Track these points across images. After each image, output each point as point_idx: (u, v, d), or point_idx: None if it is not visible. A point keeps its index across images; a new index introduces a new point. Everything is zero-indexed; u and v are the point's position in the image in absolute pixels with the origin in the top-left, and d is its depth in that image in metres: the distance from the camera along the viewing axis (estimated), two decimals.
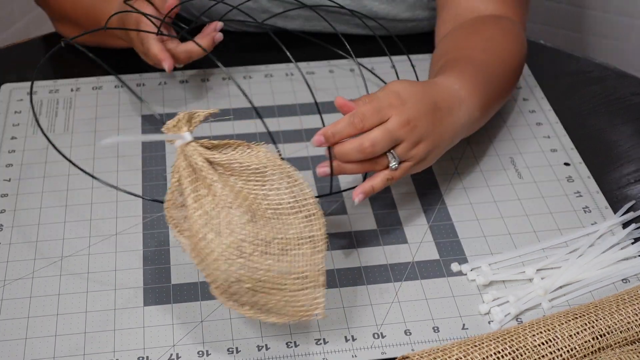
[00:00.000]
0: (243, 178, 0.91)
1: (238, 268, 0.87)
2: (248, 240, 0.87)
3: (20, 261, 1.02)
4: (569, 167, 1.16)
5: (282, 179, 0.92)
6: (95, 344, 0.93)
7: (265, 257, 0.88)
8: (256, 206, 0.90)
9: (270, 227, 0.89)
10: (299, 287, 0.89)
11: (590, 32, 2.21)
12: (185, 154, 0.90)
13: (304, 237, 0.90)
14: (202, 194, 0.89)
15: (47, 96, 1.28)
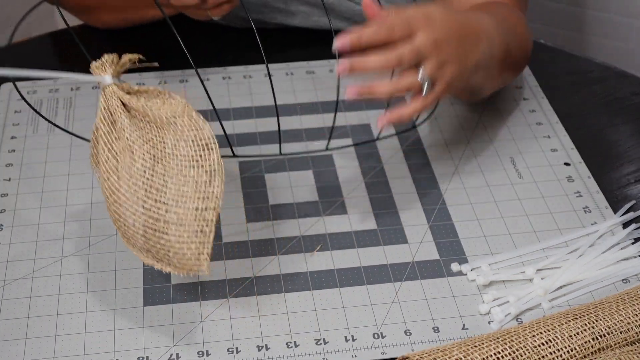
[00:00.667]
0: (156, 126, 0.93)
1: (132, 213, 0.90)
2: (144, 186, 0.90)
3: (20, 261, 1.02)
4: (569, 167, 1.16)
5: (191, 131, 0.93)
6: (95, 344, 0.93)
7: (158, 206, 0.89)
8: (160, 154, 0.92)
9: (168, 177, 0.91)
10: (185, 240, 0.90)
11: (590, 32, 2.21)
12: (105, 96, 0.94)
13: (200, 191, 0.90)
14: (114, 137, 0.93)
15: (47, 95, 1.28)
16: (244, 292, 0.99)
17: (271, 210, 1.09)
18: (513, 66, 1.19)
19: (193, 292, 0.99)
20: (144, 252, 0.93)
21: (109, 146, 0.93)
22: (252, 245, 1.05)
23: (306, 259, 1.03)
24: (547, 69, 1.34)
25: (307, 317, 0.96)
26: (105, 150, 0.93)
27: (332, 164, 1.16)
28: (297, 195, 1.11)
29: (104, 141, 0.93)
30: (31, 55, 1.38)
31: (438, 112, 1.24)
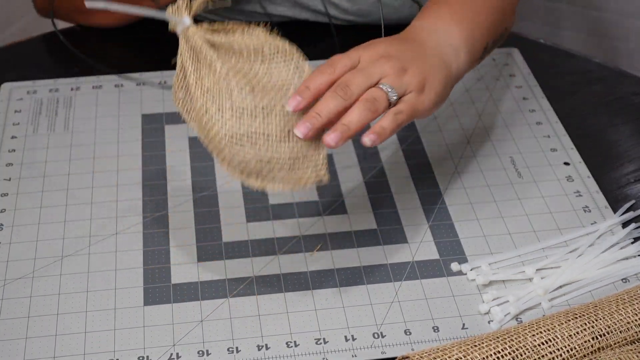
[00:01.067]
0: (243, 57, 0.93)
1: (239, 139, 0.90)
2: (248, 110, 0.90)
3: (20, 260, 1.02)
4: (568, 167, 1.16)
5: (280, 55, 0.93)
6: (95, 344, 0.93)
7: (267, 124, 0.90)
8: (256, 82, 0.92)
9: (269, 98, 0.91)
10: (301, 154, 0.91)
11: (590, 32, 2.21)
12: (186, 38, 0.93)
13: None
14: (204, 73, 0.92)
15: (47, 95, 1.28)
16: (244, 291, 0.99)
17: (271, 209, 1.09)
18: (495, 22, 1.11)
19: (193, 292, 0.99)
20: (253, 176, 0.92)
21: (200, 82, 0.92)
22: (252, 244, 1.05)
23: (306, 258, 1.03)
24: (547, 69, 1.34)
25: (307, 317, 0.96)
26: (198, 86, 0.92)
27: (332, 164, 1.16)
28: (297, 195, 1.11)
29: (194, 78, 0.93)
30: (31, 56, 1.38)
31: (437, 112, 1.24)
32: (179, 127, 1.22)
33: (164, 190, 1.12)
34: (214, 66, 0.92)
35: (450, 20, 1.04)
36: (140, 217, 1.08)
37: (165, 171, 1.15)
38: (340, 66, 0.94)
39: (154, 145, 1.19)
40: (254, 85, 0.92)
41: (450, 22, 1.04)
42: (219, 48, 0.93)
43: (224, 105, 0.91)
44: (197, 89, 0.92)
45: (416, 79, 0.96)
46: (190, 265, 1.02)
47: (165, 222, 1.07)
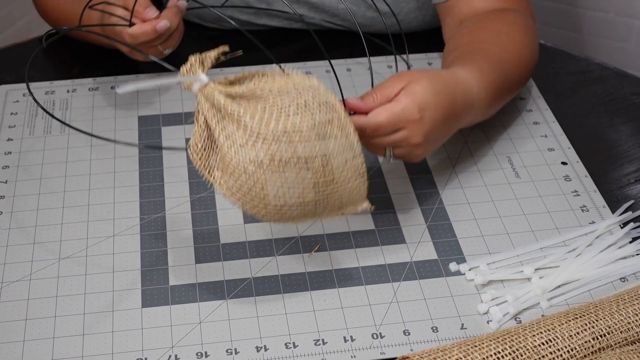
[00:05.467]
0: (270, 102, 0.90)
1: (285, 191, 0.89)
2: (292, 162, 0.89)
3: (18, 263, 1.02)
4: (566, 166, 1.16)
5: (308, 92, 0.91)
6: (93, 346, 0.93)
7: (312, 170, 0.90)
8: (290, 126, 0.89)
9: (306, 143, 0.90)
10: (351, 186, 0.92)
11: (590, 32, 2.21)
12: (205, 95, 0.90)
13: (342, 145, 0.92)
14: (231, 130, 0.89)
15: (44, 97, 1.27)
16: (242, 293, 0.99)
17: None
18: (509, 92, 1.18)
19: (191, 294, 0.99)
20: (310, 217, 0.93)
21: (230, 140, 0.89)
22: (250, 246, 1.04)
23: (304, 259, 1.03)
24: (547, 69, 1.34)
25: (306, 318, 0.96)
26: (233, 147, 0.89)
27: None
28: None
29: (224, 136, 0.89)
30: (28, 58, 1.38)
31: None
32: (175, 128, 1.22)
33: (161, 192, 1.12)
34: (243, 121, 0.89)
35: (489, 88, 1.09)
36: (138, 219, 1.08)
37: (162, 173, 1.15)
38: (380, 135, 0.99)
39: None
40: (289, 131, 0.89)
41: (480, 83, 1.08)
42: (241, 100, 0.90)
43: (263, 161, 0.88)
44: (229, 148, 0.89)
45: (418, 155, 1.03)
46: (188, 267, 1.02)
47: (162, 224, 1.07)
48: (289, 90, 0.91)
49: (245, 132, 0.89)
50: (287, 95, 0.90)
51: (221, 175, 0.91)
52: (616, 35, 2.17)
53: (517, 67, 1.16)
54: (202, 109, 0.90)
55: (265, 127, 0.89)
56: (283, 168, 0.89)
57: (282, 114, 0.89)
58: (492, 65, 1.12)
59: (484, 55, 1.13)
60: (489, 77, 1.10)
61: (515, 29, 1.20)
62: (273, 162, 0.88)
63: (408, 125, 0.99)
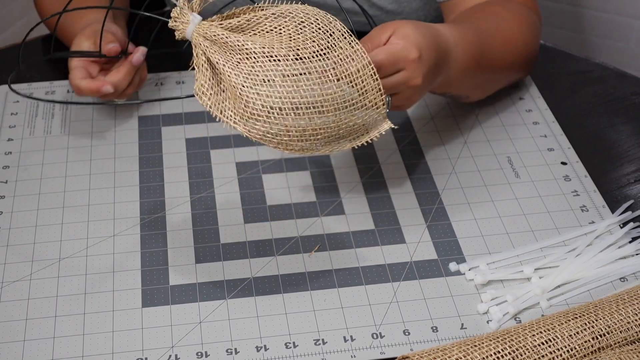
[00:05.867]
0: (268, 26, 0.90)
1: (304, 108, 0.88)
2: (304, 77, 0.87)
3: (17, 263, 1.02)
4: (565, 166, 1.16)
5: (302, 12, 0.91)
6: (93, 346, 0.93)
7: (325, 87, 0.89)
8: (295, 42, 0.88)
9: (313, 56, 0.89)
10: (370, 104, 0.91)
11: (590, 32, 2.21)
12: (202, 34, 0.89)
13: (349, 55, 0.91)
14: (238, 59, 0.88)
15: (44, 97, 1.27)
16: (243, 293, 0.99)
17: (269, 210, 1.09)
18: (493, 70, 1.18)
19: (191, 294, 0.99)
20: (335, 143, 0.92)
21: (237, 69, 0.88)
22: (250, 246, 1.04)
23: (304, 259, 1.03)
24: (547, 69, 1.34)
25: (306, 318, 0.96)
26: (237, 74, 0.87)
27: (330, 165, 1.16)
28: (295, 196, 1.11)
29: (229, 67, 0.88)
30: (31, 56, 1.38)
31: (435, 111, 1.24)
32: (175, 128, 1.22)
33: (161, 192, 1.12)
34: (248, 48, 0.88)
35: (460, 41, 1.09)
36: (138, 219, 1.08)
37: (163, 173, 1.15)
38: (382, 74, 0.97)
39: (150, 147, 1.19)
40: (295, 49, 0.88)
41: (459, 42, 1.09)
42: (240, 30, 0.89)
43: (276, 80, 0.87)
44: (237, 77, 0.88)
45: (412, 100, 1.03)
46: (188, 266, 1.02)
47: (162, 224, 1.07)
48: (284, 14, 0.90)
49: (250, 57, 0.88)
50: (284, 17, 0.90)
51: (235, 112, 0.89)
52: (616, 35, 2.17)
53: (504, 47, 1.17)
54: (202, 49, 0.89)
55: (269, 48, 0.88)
56: (296, 84, 0.87)
57: (283, 32, 0.89)
58: (476, 34, 1.12)
59: (472, 26, 1.14)
60: (469, 41, 1.10)
61: (514, 16, 1.20)
62: (286, 80, 0.87)
63: (408, 65, 0.99)
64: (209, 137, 1.20)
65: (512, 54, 1.18)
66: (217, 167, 1.15)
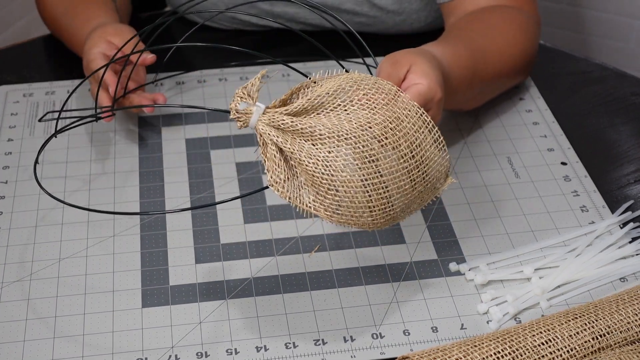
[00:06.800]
0: (331, 105, 0.87)
1: (384, 187, 0.86)
2: (380, 153, 0.85)
3: (17, 263, 1.02)
4: (565, 167, 1.16)
5: (359, 83, 0.88)
6: (93, 346, 0.93)
7: (397, 160, 0.87)
8: (363, 118, 0.86)
9: (383, 129, 0.86)
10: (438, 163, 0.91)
11: (590, 32, 2.21)
12: (267, 123, 0.85)
13: (414, 121, 0.89)
14: (309, 145, 0.85)
15: (44, 98, 1.27)
16: (243, 293, 0.99)
17: (269, 211, 1.09)
18: (489, 83, 1.18)
19: (191, 294, 0.99)
20: (409, 209, 0.90)
21: (311, 156, 0.85)
22: (250, 246, 1.04)
23: (304, 259, 1.03)
24: (547, 69, 1.34)
25: (306, 318, 0.96)
26: (312, 162, 0.84)
27: None
28: None
29: (304, 155, 0.85)
30: (31, 56, 1.38)
31: None
32: (175, 129, 1.22)
33: (161, 192, 1.12)
34: (318, 132, 0.84)
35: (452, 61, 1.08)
36: (138, 219, 1.08)
37: (163, 173, 1.15)
38: None
39: (150, 147, 1.19)
40: (367, 126, 0.86)
41: (452, 62, 1.08)
42: (305, 113, 0.86)
43: (353, 161, 0.84)
44: (315, 165, 0.84)
45: None
46: (188, 267, 1.02)
47: (163, 224, 1.07)
48: (343, 87, 0.87)
49: (324, 142, 0.85)
50: (343, 92, 0.87)
51: (314, 198, 0.87)
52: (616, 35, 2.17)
53: (499, 60, 1.17)
54: (270, 138, 0.85)
55: (340, 130, 0.85)
56: (375, 163, 0.85)
57: (349, 110, 0.86)
58: (470, 51, 1.12)
59: (466, 41, 1.14)
60: (462, 64, 1.09)
61: (511, 25, 1.20)
62: (365, 161, 0.85)
63: (434, 105, 0.97)
64: (208, 137, 1.20)
65: (506, 65, 1.19)
66: (217, 168, 1.15)
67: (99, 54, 1.16)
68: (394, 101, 0.89)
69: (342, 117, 0.86)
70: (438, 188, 0.93)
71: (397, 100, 0.89)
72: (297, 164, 0.85)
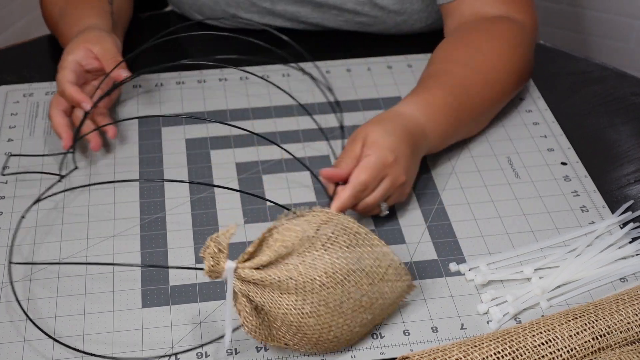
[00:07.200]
0: (296, 255, 0.90)
1: (348, 323, 0.91)
2: (345, 298, 0.90)
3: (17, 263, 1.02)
4: (565, 167, 1.16)
5: (322, 228, 0.93)
6: (93, 346, 0.93)
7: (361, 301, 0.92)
8: (329, 266, 0.90)
9: (347, 275, 0.91)
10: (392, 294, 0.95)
11: (590, 32, 2.21)
12: (240, 278, 0.89)
13: (375, 256, 0.94)
14: (277, 296, 0.89)
15: (44, 98, 1.27)
16: None
17: (269, 211, 1.09)
18: (476, 113, 1.18)
19: (191, 294, 0.99)
20: (372, 324, 0.94)
21: (278, 306, 0.89)
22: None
23: None
24: (546, 70, 1.34)
25: None
26: (280, 312, 0.89)
27: (329, 165, 1.15)
28: (295, 196, 1.11)
29: (273, 305, 0.89)
30: (31, 56, 1.38)
31: None
32: (175, 129, 1.22)
33: (161, 192, 1.12)
34: (286, 285, 0.88)
35: (428, 110, 1.11)
36: (138, 220, 1.08)
37: (163, 173, 1.15)
38: (370, 190, 1.03)
39: (150, 148, 1.19)
40: (332, 273, 0.90)
41: (428, 112, 1.11)
42: (270, 266, 0.90)
43: (318, 308, 0.89)
44: (285, 315, 0.89)
45: (404, 194, 1.07)
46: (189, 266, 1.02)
47: (162, 224, 1.07)
48: (306, 233, 0.91)
49: (291, 292, 0.89)
50: (307, 239, 0.91)
51: (290, 337, 0.91)
52: (616, 35, 2.17)
53: (484, 88, 1.17)
54: (242, 291, 0.89)
55: (306, 279, 0.89)
56: (339, 306, 0.90)
57: (315, 256, 0.90)
58: (449, 89, 1.13)
59: (444, 79, 1.15)
60: (440, 105, 1.11)
61: (498, 44, 1.20)
62: (329, 306, 0.89)
63: (388, 170, 1.02)
64: (209, 137, 1.20)
65: (494, 89, 1.18)
66: (217, 168, 1.15)
67: (72, 62, 1.17)
68: (356, 240, 0.93)
69: (307, 264, 0.89)
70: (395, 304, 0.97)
71: (357, 239, 0.93)
72: (268, 311, 0.89)
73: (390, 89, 1.29)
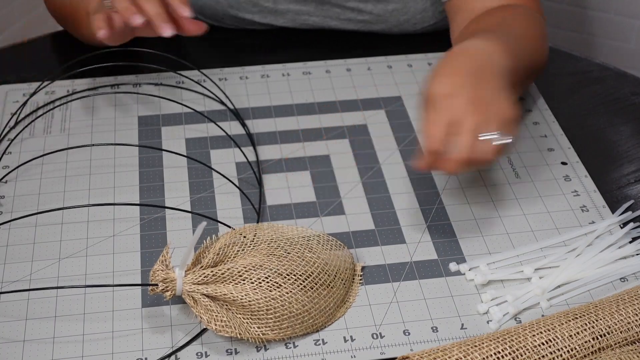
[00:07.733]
0: (230, 253, 0.95)
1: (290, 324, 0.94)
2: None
3: (17, 263, 1.02)
4: (566, 167, 1.16)
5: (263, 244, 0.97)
6: (93, 347, 0.93)
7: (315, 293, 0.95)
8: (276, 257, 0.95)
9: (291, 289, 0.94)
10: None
11: (590, 32, 2.21)
12: (193, 282, 0.92)
13: None
14: (233, 286, 0.92)
15: (44, 97, 1.27)
16: None
17: (269, 211, 1.09)
18: (531, 76, 1.20)
19: None
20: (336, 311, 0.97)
21: (230, 311, 0.93)
22: None
23: None
24: (547, 69, 1.34)
25: None
26: (232, 317, 0.92)
27: (330, 165, 1.16)
28: (295, 196, 1.11)
29: (224, 310, 0.92)
30: (31, 56, 1.38)
31: None
32: (175, 128, 1.22)
33: (161, 192, 1.12)
34: (235, 272, 0.92)
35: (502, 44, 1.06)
36: (138, 219, 1.08)
37: (162, 173, 1.14)
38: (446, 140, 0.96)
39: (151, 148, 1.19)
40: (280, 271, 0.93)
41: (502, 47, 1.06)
42: (218, 262, 0.94)
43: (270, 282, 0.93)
44: (243, 299, 0.91)
45: (477, 116, 0.97)
46: None
47: (163, 224, 1.07)
48: (248, 250, 0.96)
49: (244, 277, 0.92)
50: (249, 256, 0.95)
51: (258, 325, 0.93)
52: (616, 35, 2.17)
53: (534, 59, 1.17)
54: (201, 292, 0.92)
55: (253, 263, 0.93)
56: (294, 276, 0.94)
57: (247, 250, 0.95)
58: (499, 33, 1.10)
59: (503, 31, 1.12)
60: (494, 33, 1.09)
61: (528, 22, 1.20)
62: (285, 278, 0.94)
63: (448, 106, 0.96)
64: (208, 137, 1.20)
65: (539, 58, 1.19)
66: (217, 167, 1.15)
67: None
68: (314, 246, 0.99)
69: (246, 256, 0.94)
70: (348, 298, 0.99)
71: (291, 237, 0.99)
72: (231, 302, 0.92)
73: (391, 89, 1.29)
